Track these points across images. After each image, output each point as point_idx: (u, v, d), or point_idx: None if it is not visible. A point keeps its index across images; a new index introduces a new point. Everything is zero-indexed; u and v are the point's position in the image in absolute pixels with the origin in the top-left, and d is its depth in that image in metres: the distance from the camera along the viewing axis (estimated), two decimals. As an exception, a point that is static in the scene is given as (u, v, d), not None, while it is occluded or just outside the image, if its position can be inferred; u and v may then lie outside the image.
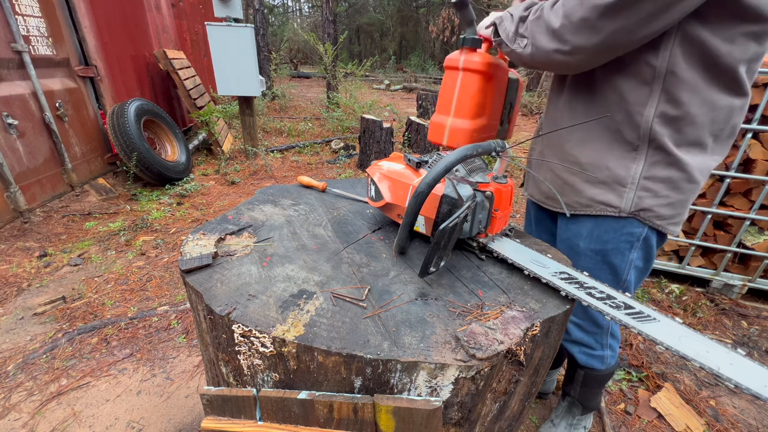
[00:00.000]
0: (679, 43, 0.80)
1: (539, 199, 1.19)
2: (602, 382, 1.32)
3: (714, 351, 0.61)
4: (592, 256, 1.05)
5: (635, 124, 0.90)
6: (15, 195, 2.88)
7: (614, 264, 1.03)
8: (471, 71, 1.02)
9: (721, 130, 0.89)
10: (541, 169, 1.15)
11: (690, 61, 0.81)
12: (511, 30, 0.90)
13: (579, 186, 1.01)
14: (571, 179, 1.03)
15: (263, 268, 0.82)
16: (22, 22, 2.97)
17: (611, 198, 0.97)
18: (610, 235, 1.01)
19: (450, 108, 1.08)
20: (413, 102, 10.14)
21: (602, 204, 0.99)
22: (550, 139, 1.08)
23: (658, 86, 0.85)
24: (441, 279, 0.82)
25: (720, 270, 2.40)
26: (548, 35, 0.82)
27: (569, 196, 1.04)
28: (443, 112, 1.10)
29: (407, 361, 0.60)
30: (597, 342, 1.20)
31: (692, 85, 0.83)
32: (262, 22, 8.98)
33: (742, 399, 1.76)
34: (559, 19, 0.79)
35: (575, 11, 0.76)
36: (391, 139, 4.55)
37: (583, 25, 0.77)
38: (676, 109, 0.85)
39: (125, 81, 4.10)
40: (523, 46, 0.88)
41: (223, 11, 4.18)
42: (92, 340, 1.92)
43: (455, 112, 1.07)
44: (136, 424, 1.53)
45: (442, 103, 1.10)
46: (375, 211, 1.16)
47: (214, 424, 0.68)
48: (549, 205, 1.15)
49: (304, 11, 28.09)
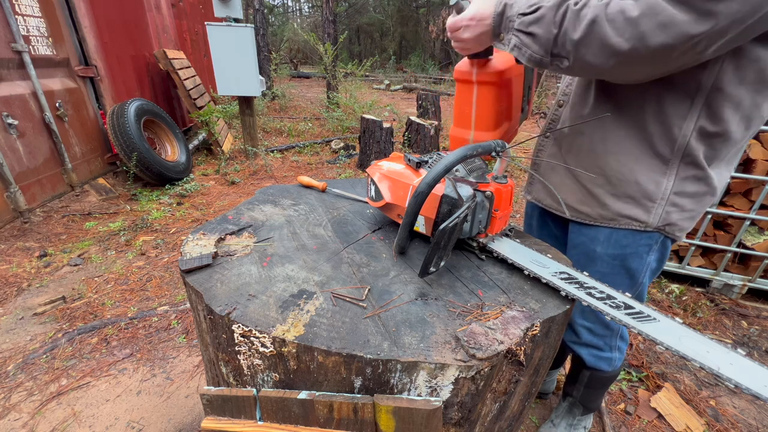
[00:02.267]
0: (731, 59, 0.74)
1: (548, 205, 1.13)
2: (607, 383, 1.32)
3: (714, 351, 0.61)
4: (609, 261, 1.02)
5: (671, 138, 0.85)
6: (15, 195, 2.88)
7: (632, 268, 1.01)
8: (486, 84, 0.97)
9: (744, 145, 0.89)
10: (555, 174, 1.08)
11: (739, 78, 0.77)
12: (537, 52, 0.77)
13: (604, 198, 0.97)
14: (596, 191, 0.97)
15: (263, 268, 0.82)
16: (22, 22, 2.97)
17: (638, 213, 0.93)
18: (629, 240, 0.98)
19: (470, 122, 1.04)
20: (413, 102, 10.14)
21: (628, 218, 0.95)
22: (571, 145, 1.02)
23: (701, 101, 0.80)
24: (441, 279, 0.82)
25: (720, 270, 2.40)
26: (604, 56, 0.70)
27: (592, 207, 0.99)
28: (463, 126, 1.07)
29: (407, 361, 0.60)
30: (606, 344, 1.19)
31: (737, 102, 0.79)
32: (262, 22, 8.98)
33: (742, 399, 1.76)
34: (627, 41, 0.66)
35: (654, 35, 0.64)
36: (391, 139, 4.55)
37: (663, 52, 0.66)
38: (716, 126, 0.82)
39: (125, 81, 4.10)
40: (563, 66, 0.76)
41: (223, 11, 4.18)
42: (92, 340, 1.92)
43: (476, 125, 1.04)
44: (136, 424, 1.53)
45: (461, 117, 1.06)
46: (375, 211, 1.16)
47: (214, 424, 0.68)
48: (561, 212, 1.08)
49: (304, 11, 28.10)
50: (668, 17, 0.63)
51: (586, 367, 1.25)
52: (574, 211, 1.04)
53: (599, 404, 1.42)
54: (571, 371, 1.40)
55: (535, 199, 1.20)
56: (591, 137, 0.96)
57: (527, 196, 1.25)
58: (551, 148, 1.09)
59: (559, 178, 1.06)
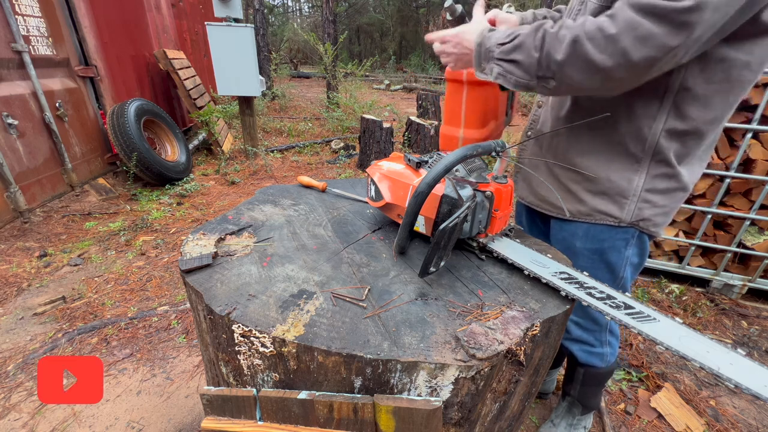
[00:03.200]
0: (696, 61, 0.76)
1: (531, 202, 1.18)
2: (602, 380, 1.33)
3: (714, 351, 0.61)
4: (589, 255, 1.06)
5: (641, 138, 0.88)
6: (15, 195, 2.88)
7: (611, 262, 1.05)
8: (476, 84, 1.03)
9: (714, 140, 0.91)
10: (539, 172, 1.13)
11: (705, 78, 0.78)
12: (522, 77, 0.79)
13: (581, 195, 1.01)
14: (573, 187, 1.02)
15: (263, 268, 0.82)
16: (22, 22, 2.97)
17: (613, 209, 0.97)
18: (606, 235, 1.02)
19: (460, 120, 1.09)
20: (413, 102, 10.14)
21: (603, 214, 0.99)
22: (550, 144, 1.07)
23: (669, 101, 0.83)
24: (441, 279, 0.82)
25: (720, 270, 2.40)
26: (589, 73, 0.71)
27: (570, 203, 1.04)
28: (453, 123, 1.11)
29: (407, 361, 0.60)
30: (596, 339, 1.21)
31: (704, 100, 0.81)
32: (262, 22, 8.98)
33: (742, 399, 1.76)
34: (610, 57, 0.68)
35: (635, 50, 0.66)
36: (391, 139, 4.55)
37: (646, 64, 0.68)
38: (685, 124, 0.84)
39: (125, 81, 4.10)
40: (551, 87, 0.78)
41: (223, 11, 4.18)
42: (92, 340, 1.92)
43: (466, 123, 1.09)
44: (136, 424, 1.53)
45: (451, 116, 1.11)
46: (375, 211, 1.16)
47: (214, 424, 0.68)
48: (543, 208, 1.14)
49: (304, 11, 28.10)
50: (646, 31, 0.65)
51: (580, 364, 1.27)
52: (554, 208, 1.09)
53: (598, 402, 1.42)
54: (567, 370, 1.41)
55: (520, 197, 1.24)
56: (567, 137, 1.00)
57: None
58: (533, 147, 1.14)
59: (541, 176, 1.11)
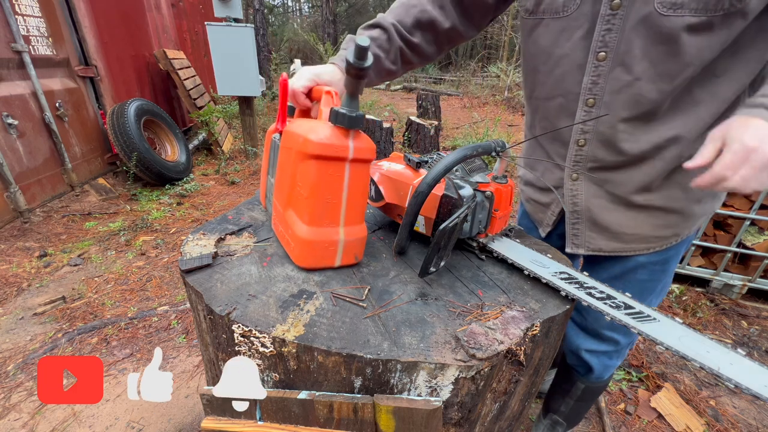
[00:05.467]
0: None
1: (615, 249, 0.98)
2: (597, 394, 1.31)
3: (714, 351, 0.61)
4: (651, 267, 1.00)
5: None
6: (15, 195, 2.88)
7: (671, 269, 1.03)
8: (363, 162, 0.74)
9: None
10: (610, 212, 0.94)
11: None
12: None
13: (694, 210, 0.93)
14: (692, 208, 0.92)
15: (263, 268, 0.82)
16: (22, 22, 2.97)
17: (685, 231, 0.95)
18: (674, 251, 1.00)
19: (339, 215, 0.76)
20: (413, 102, 10.13)
21: (676, 236, 0.95)
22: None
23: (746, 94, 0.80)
24: (441, 279, 0.82)
25: (720, 270, 2.40)
26: None
27: (675, 227, 0.94)
28: (324, 222, 0.75)
29: (407, 361, 0.60)
30: (616, 351, 1.17)
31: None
32: (262, 22, 8.99)
33: (742, 399, 1.76)
34: None
35: None
36: (391, 139, 4.55)
37: None
38: None
39: (125, 81, 4.10)
40: None
41: (223, 11, 4.18)
42: (92, 340, 1.92)
43: (347, 219, 0.77)
44: (136, 424, 1.53)
45: (323, 210, 0.74)
46: (375, 211, 1.16)
47: (214, 424, 0.68)
48: (627, 250, 0.97)
49: (304, 11, 28.08)
50: None
51: (582, 379, 1.23)
52: (644, 243, 0.96)
53: (581, 418, 1.40)
54: (558, 387, 1.35)
55: (590, 250, 1.01)
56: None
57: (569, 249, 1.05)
58: (587, 184, 0.93)
59: (619, 213, 0.93)
